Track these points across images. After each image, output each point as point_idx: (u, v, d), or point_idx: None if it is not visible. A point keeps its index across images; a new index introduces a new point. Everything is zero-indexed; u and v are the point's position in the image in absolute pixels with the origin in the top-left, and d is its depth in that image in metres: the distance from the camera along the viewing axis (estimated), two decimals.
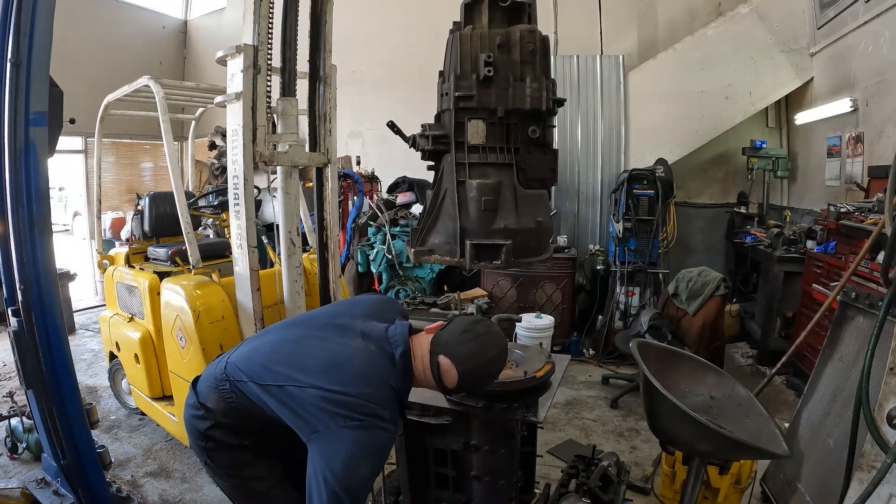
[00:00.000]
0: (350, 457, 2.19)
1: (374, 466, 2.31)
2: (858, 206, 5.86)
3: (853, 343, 3.90)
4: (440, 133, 2.40)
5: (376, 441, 2.26)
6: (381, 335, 2.47)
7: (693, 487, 2.77)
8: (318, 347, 2.47)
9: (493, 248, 2.33)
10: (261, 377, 2.42)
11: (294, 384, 2.33)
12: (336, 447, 2.21)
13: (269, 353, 2.55)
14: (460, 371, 2.39)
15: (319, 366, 2.37)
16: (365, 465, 2.23)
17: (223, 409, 2.54)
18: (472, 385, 2.52)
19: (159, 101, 4.90)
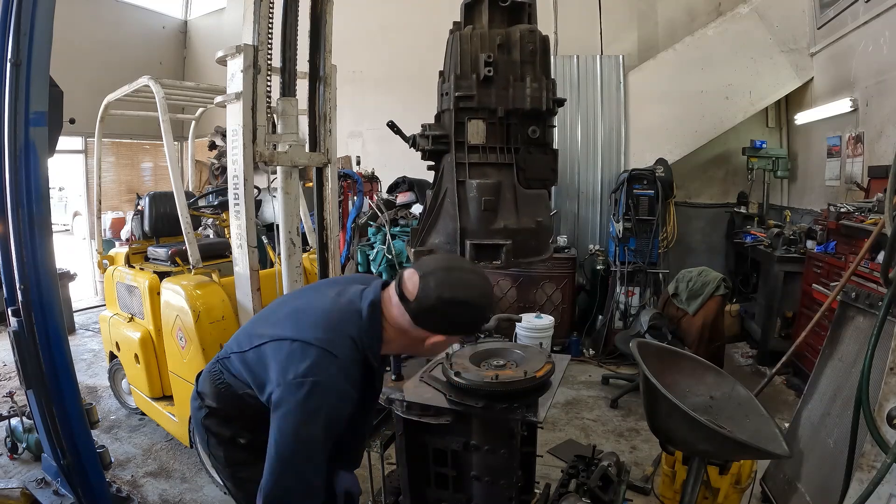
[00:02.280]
0: (299, 422, 2.09)
1: (325, 427, 2.10)
2: (858, 206, 5.87)
3: (853, 343, 3.90)
4: (440, 133, 2.40)
5: (325, 399, 2.08)
6: (356, 292, 2.33)
7: (693, 487, 2.77)
8: (292, 303, 2.46)
9: (494, 247, 2.34)
10: (241, 345, 2.39)
11: (260, 341, 2.28)
12: (285, 408, 2.10)
13: (254, 320, 2.55)
14: (422, 276, 2.16)
15: (284, 315, 2.36)
16: (313, 426, 2.08)
17: (213, 394, 2.50)
18: (437, 304, 2.13)
19: (159, 101, 4.90)
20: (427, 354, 2.54)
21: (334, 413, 2.10)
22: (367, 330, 2.22)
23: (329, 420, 2.09)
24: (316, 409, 2.06)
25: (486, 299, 2.22)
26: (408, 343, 2.30)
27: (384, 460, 3.27)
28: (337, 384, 2.09)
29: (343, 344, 2.16)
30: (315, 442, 2.09)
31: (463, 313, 2.17)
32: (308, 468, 2.11)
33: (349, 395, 2.14)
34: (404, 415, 2.85)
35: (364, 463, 3.67)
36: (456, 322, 2.20)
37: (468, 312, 2.18)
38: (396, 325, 2.24)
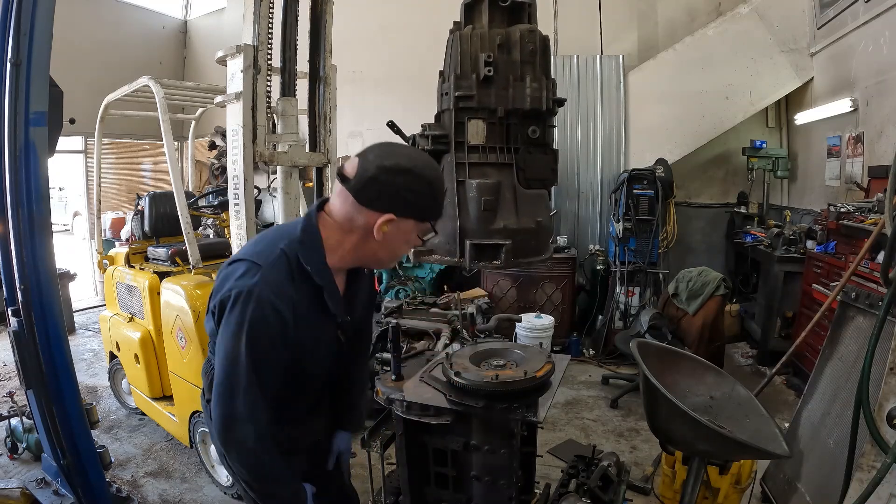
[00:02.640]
0: (226, 338, 1.98)
1: (249, 345, 1.94)
2: (858, 206, 5.87)
3: (853, 343, 3.90)
4: (440, 133, 2.40)
5: (245, 310, 1.94)
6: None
7: (693, 487, 2.77)
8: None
9: (493, 248, 2.33)
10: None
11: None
12: (220, 329, 2.03)
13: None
14: (360, 154, 2.08)
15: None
16: (237, 341, 1.94)
17: (208, 385, 2.40)
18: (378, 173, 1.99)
19: (159, 101, 4.91)
20: (384, 257, 2.20)
21: (259, 327, 1.95)
22: (300, 240, 2.09)
23: (252, 337, 1.94)
24: (238, 322, 1.94)
25: (432, 171, 2.10)
26: (357, 242, 2.12)
27: (384, 460, 3.27)
28: (259, 294, 1.94)
29: (269, 254, 2.05)
30: (240, 361, 1.95)
31: (409, 183, 2.02)
32: (239, 395, 1.97)
33: (274, 307, 1.96)
34: (404, 415, 2.85)
35: (363, 462, 3.67)
36: (401, 193, 2.02)
37: (415, 182, 2.03)
38: (340, 220, 2.10)
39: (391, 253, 2.18)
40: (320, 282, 2.10)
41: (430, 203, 2.09)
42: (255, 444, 2.01)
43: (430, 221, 2.14)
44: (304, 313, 2.06)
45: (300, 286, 2.06)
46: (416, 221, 2.09)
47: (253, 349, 1.95)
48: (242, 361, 1.94)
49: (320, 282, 2.10)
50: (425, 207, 2.08)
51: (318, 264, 2.09)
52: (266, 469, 2.08)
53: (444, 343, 4.81)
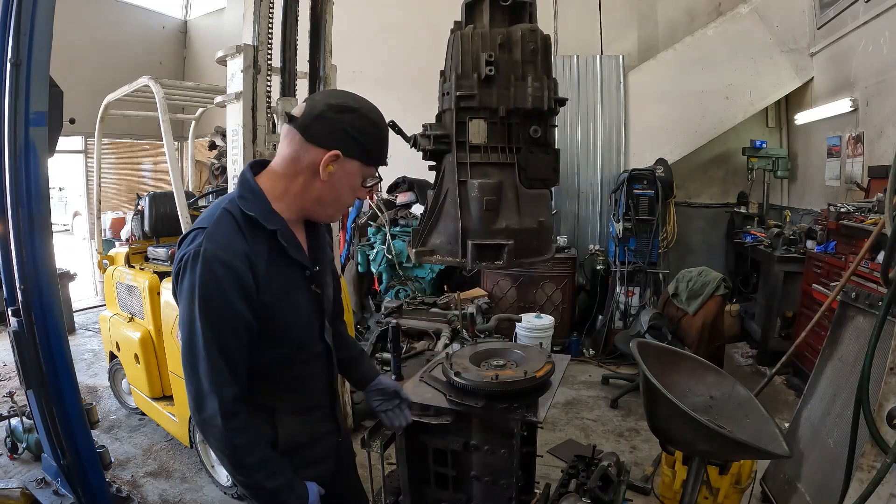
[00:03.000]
0: (182, 305, 1.92)
1: (203, 307, 1.86)
2: (858, 206, 5.88)
3: (853, 343, 3.90)
4: (441, 133, 2.40)
5: (194, 271, 1.86)
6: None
7: (693, 487, 2.77)
8: None
9: (495, 248, 2.33)
10: None
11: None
12: (179, 304, 1.96)
13: None
14: (308, 98, 2.11)
15: None
16: (191, 304, 1.87)
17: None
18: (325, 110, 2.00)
19: (159, 101, 4.91)
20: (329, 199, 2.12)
21: (209, 285, 1.86)
22: (240, 195, 2.04)
23: (204, 296, 1.86)
24: (189, 285, 1.88)
25: (378, 115, 2.10)
26: (303, 185, 2.07)
27: (384, 460, 3.26)
28: (205, 252, 1.87)
29: (211, 215, 2.00)
30: (196, 326, 1.87)
31: (355, 121, 2.02)
32: (200, 364, 1.88)
33: (222, 261, 1.87)
34: None
35: (364, 462, 3.67)
36: (348, 131, 2.00)
37: (361, 121, 2.03)
38: (285, 165, 2.07)
39: (336, 197, 2.10)
40: (271, 226, 2.01)
41: (376, 146, 2.08)
42: (224, 422, 1.88)
43: (374, 166, 2.12)
44: (264, 266, 1.98)
45: (253, 238, 1.99)
46: (361, 164, 2.07)
47: (207, 310, 1.86)
48: (198, 327, 1.86)
49: (271, 226, 2.01)
50: (371, 150, 2.07)
51: (263, 211, 2.02)
52: (240, 454, 1.93)
53: (444, 343, 4.82)
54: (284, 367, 2.14)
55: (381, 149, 2.10)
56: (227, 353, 1.90)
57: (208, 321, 1.86)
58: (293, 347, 2.14)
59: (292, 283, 2.11)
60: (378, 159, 2.11)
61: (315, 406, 2.33)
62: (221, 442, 1.90)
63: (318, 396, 2.35)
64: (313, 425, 2.30)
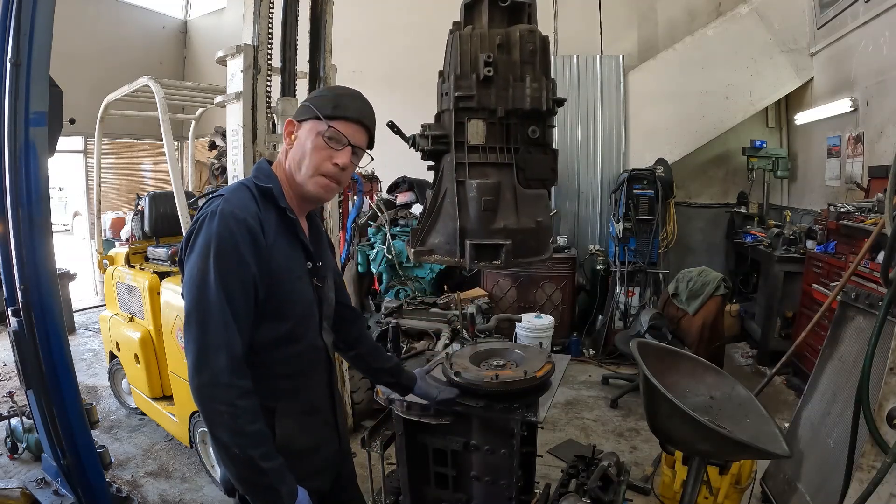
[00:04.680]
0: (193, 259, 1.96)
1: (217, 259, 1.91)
2: (858, 206, 5.87)
3: (853, 343, 3.90)
4: (440, 133, 2.40)
5: (211, 227, 1.95)
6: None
7: (693, 487, 2.77)
8: None
9: (493, 248, 2.33)
10: None
11: None
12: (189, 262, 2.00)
13: None
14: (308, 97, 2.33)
15: None
16: (205, 259, 1.92)
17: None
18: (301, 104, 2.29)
19: (159, 101, 4.91)
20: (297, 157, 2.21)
21: (226, 239, 1.93)
22: (256, 175, 2.21)
23: (220, 250, 1.92)
24: (205, 240, 1.95)
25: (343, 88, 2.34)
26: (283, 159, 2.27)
27: (384, 460, 3.27)
28: (223, 210, 1.97)
29: (230, 188, 2.15)
30: (209, 280, 1.90)
31: (315, 92, 2.34)
32: (211, 319, 1.89)
33: (238, 217, 1.97)
34: (404, 415, 2.85)
35: (364, 462, 3.68)
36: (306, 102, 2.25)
37: (320, 91, 2.34)
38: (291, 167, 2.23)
39: (302, 155, 2.19)
40: (283, 203, 2.16)
41: (327, 103, 2.19)
42: (231, 379, 1.88)
43: (328, 121, 2.17)
44: (274, 234, 2.08)
45: (266, 209, 2.11)
46: (314, 120, 2.18)
47: (221, 263, 1.92)
48: (211, 280, 1.90)
49: (283, 203, 2.16)
50: (321, 105, 2.18)
51: (277, 188, 2.17)
52: (242, 419, 1.88)
53: (444, 343, 4.81)
54: (283, 352, 2.15)
55: (333, 105, 2.19)
56: (237, 308, 1.93)
57: (222, 274, 1.90)
58: (292, 326, 2.15)
59: (295, 263, 2.18)
60: (329, 113, 2.18)
61: (315, 409, 2.31)
62: (225, 402, 1.87)
63: (319, 399, 2.34)
64: (314, 430, 2.29)
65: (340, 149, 2.18)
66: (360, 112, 2.24)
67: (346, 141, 2.18)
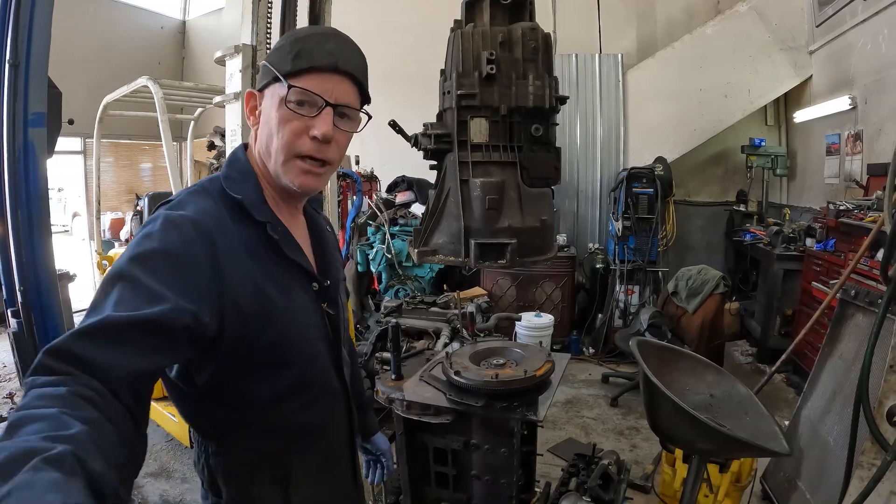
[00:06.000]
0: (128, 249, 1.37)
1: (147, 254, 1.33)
2: (858, 204, 5.88)
3: (853, 341, 3.91)
4: (442, 132, 2.39)
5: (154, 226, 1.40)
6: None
7: (693, 486, 2.77)
8: None
9: (498, 247, 2.32)
10: None
11: None
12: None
13: None
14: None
15: None
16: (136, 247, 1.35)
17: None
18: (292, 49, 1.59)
19: (158, 101, 4.91)
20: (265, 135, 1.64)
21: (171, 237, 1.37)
22: (225, 175, 1.65)
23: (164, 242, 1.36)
24: (147, 233, 1.39)
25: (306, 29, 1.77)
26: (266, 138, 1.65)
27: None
28: (169, 214, 1.43)
29: (185, 192, 1.59)
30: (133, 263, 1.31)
31: (274, 52, 1.67)
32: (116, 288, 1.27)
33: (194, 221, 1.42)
34: (404, 414, 2.85)
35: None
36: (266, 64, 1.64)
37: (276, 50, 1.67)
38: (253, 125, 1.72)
39: (268, 133, 1.63)
40: (261, 216, 1.59)
41: (285, 55, 1.60)
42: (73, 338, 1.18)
43: (289, 80, 1.58)
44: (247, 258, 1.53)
45: (241, 225, 1.56)
46: (274, 84, 1.62)
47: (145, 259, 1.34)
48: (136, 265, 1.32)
49: (261, 216, 1.59)
50: (279, 61, 1.60)
51: (251, 195, 1.61)
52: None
53: (443, 342, 4.81)
54: (289, 408, 1.69)
55: (294, 55, 1.59)
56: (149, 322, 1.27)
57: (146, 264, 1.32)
58: (298, 375, 1.67)
59: (291, 294, 1.64)
60: (291, 71, 1.59)
61: (335, 468, 1.90)
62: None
63: (337, 453, 1.91)
64: (334, 494, 1.90)
65: (316, 114, 1.60)
66: (336, 55, 1.62)
67: (320, 102, 1.60)
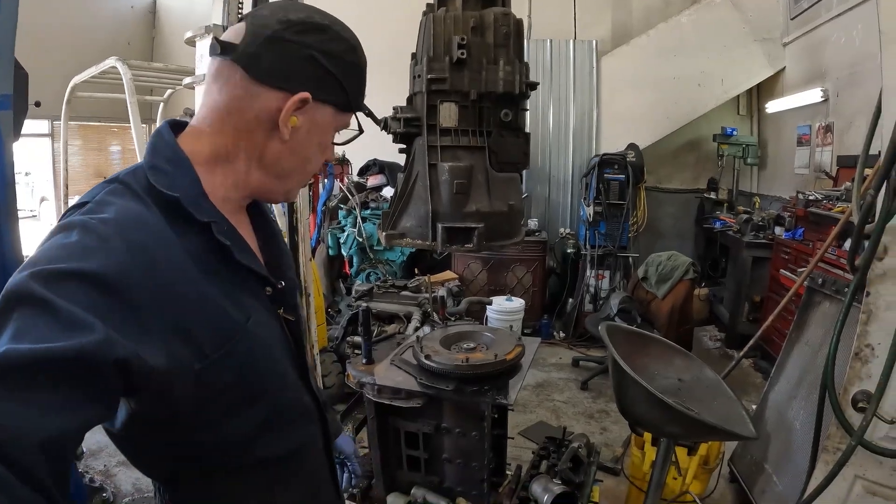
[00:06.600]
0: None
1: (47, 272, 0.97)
2: (827, 195, 5.95)
3: (819, 327, 3.97)
4: (412, 116, 2.39)
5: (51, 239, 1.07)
6: None
7: (662, 468, 2.80)
8: None
9: (466, 231, 2.32)
10: None
11: None
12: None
13: None
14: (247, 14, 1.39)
15: None
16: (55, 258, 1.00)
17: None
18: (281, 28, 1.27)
19: (126, 82, 4.84)
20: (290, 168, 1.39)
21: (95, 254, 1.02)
22: (150, 164, 1.26)
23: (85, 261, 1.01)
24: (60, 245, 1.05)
25: (353, 36, 1.40)
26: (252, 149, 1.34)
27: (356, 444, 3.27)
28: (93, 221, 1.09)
29: (105, 188, 1.22)
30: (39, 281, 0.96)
31: (327, 45, 1.31)
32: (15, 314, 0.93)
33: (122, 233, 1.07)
34: (375, 398, 2.86)
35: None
36: (318, 60, 1.30)
37: (337, 44, 1.33)
38: (218, 117, 1.37)
39: (301, 162, 1.40)
40: (203, 215, 1.24)
41: (356, 82, 1.40)
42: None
43: (351, 111, 1.44)
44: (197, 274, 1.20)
45: (176, 227, 1.21)
46: (335, 110, 1.38)
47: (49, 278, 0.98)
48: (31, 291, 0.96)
49: (203, 215, 1.24)
50: (351, 87, 1.37)
51: (189, 190, 1.25)
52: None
53: (414, 326, 4.81)
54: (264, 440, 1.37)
55: (362, 86, 1.43)
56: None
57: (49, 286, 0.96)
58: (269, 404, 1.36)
59: (243, 307, 1.29)
60: (358, 101, 1.43)
61: (319, 487, 1.64)
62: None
63: (321, 470, 1.65)
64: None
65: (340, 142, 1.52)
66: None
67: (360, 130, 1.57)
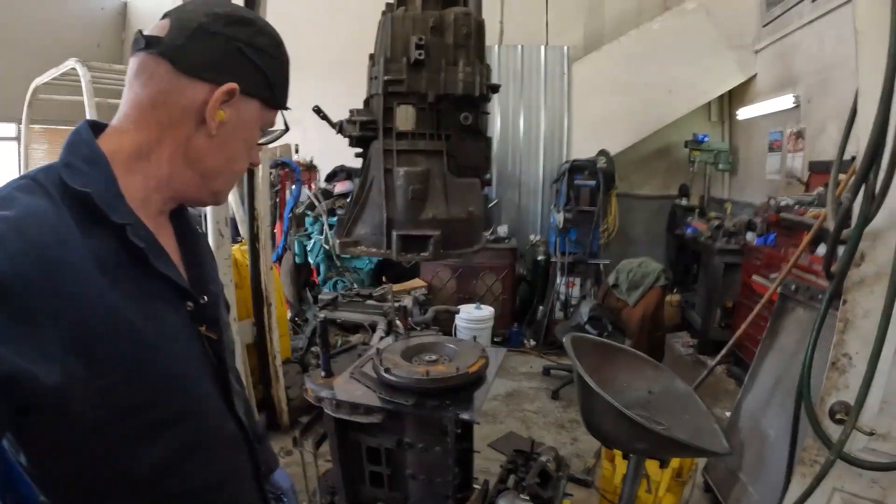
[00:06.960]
0: None
1: None
2: (798, 200, 5.97)
3: (793, 334, 3.97)
4: (368, 119, 2.29)
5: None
6: None
7: (632, 484, 2.73)
8: None
9: (421, 239, 2.23)
10: None
11: None
12: None
13: None
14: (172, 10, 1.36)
15: None
16: None
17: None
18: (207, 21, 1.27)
19: (85, 84, 4.77)
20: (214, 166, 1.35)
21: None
22: (65, 162, 1.20)
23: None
24: None
25: (277, 33, 1.40)
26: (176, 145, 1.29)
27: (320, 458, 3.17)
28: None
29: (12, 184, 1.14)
30: None
31: (255, 37, 1.32)
32: None
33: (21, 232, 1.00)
34: (334, 413, 2.76)
35: (298, 461, 3.57)
36: (246, 53, 1.30)
37: (263, 39, 1.34)
38: (141, 113, 1.30)
39: (229, 159, 1.37)
40: (118, 216, 1.17)
41: (282, 79, 1.41)
42: None
43: (277, 108, 1.44)
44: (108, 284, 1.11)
45: (85, 233, 1.12)
46: (262, 105, 1.38)
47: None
48: None
49: (118, 216, 1.17)
50: (277, 83, 1.38)
51: (102, 188, 1.18)
52: None
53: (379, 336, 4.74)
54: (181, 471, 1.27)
55: (286, 83, 1.43)
56: None
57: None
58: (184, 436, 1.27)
59: (155, 317, 1.21)
60: (283, 98, 1.43)
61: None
62: None
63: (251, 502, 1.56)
64: None
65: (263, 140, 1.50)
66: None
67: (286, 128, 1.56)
